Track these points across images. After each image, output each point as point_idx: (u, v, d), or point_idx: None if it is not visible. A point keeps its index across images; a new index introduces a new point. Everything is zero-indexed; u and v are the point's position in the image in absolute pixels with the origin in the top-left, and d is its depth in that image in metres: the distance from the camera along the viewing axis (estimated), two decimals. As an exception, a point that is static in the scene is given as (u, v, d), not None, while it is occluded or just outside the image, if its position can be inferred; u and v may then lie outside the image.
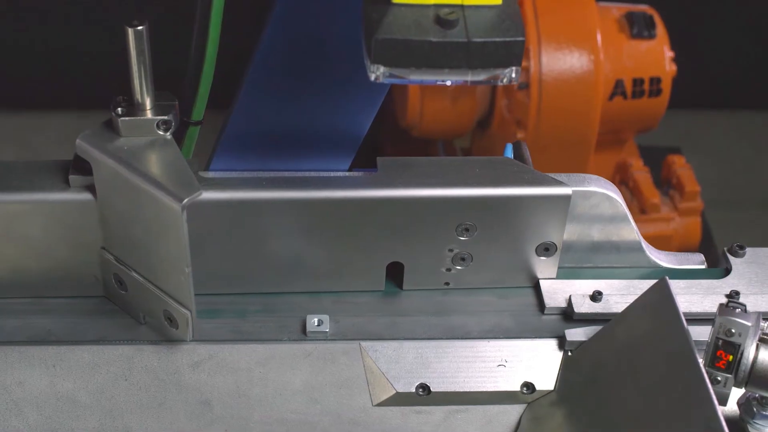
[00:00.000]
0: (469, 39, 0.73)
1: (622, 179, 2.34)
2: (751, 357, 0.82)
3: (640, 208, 2.28)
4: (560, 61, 2.00)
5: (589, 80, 1.98)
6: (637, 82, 2.14)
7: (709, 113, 3.20)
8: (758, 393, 0.85)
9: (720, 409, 0.76)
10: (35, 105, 2.90)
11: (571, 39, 1.98)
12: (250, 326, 0.95)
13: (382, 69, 0.74)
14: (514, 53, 0.74)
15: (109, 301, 0.95)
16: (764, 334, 0.84)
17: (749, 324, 0.82)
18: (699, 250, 2.35)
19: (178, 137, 0.91)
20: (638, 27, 2.05)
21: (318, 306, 0.97)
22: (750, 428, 0.86)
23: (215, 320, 0.95)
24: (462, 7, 0.74)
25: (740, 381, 0.83)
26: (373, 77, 0.75)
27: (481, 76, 0.75)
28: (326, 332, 0.94)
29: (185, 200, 0.81)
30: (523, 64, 1.97)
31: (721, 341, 0.83)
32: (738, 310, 0.83)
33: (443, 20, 0.73)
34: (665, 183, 2.35)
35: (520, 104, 2.02)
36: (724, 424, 0.75)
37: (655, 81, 2.15)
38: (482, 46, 0.73)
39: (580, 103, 2.00)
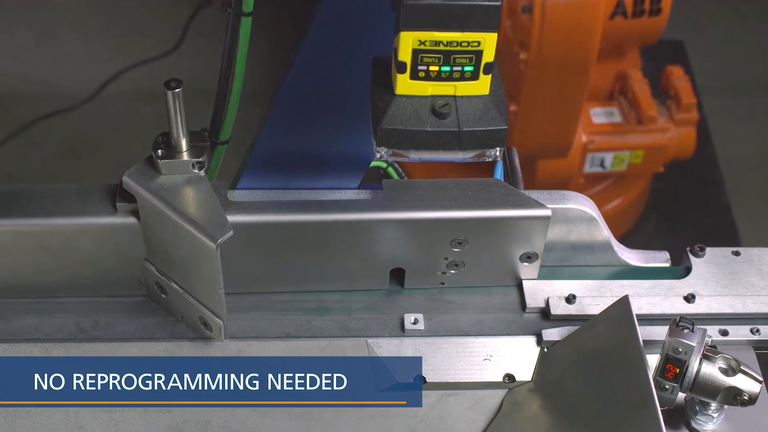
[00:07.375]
0: (460, 128, 0.86)
1: (621, 89, 2.43)
2: (694, 371, 0.98)
3: (637, 119, 2.37)
4: (563, -16, 2.05)
5: (591, 1, 2.05)
6: (638, 2, 2.21)
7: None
8: (700, 398, 1.01)
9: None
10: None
11: (574, -40, 2.03)
12: (356, 323, 1.10)
13: (385, 150, 0.87)
14: (497, 138, 0.87)
15: (152, 300, 1.11)
16: (708, 348, 0.99)
17: (694, 344, 0.98)
18: (695, 155, 2.46)
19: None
20: (640, -55, 2.11)
21: (413, 305, 1.11)
22: (693, 423, 1.03)
23: (325, 317, 1.10)
24: (455, 97, 0.86)
25: (685, 389, 0.99)
26: (378, 156, 0.88)
27: (470, 155, 0.88)
28: (422, 330, 1.09)
29: (219, 240, 0.96)
30: (527, -12, 2.06)
31: (670, 356, 0.99)
32: (686, 331, 0.98)
33: (438, 112, 0.86)
34: (663, 93, 2.44)
35: (523, 26, 2.09)
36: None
37: (656, 0, 2.23)
38: (471, 133, 0.86)
39: (582, 23, 2.06)
